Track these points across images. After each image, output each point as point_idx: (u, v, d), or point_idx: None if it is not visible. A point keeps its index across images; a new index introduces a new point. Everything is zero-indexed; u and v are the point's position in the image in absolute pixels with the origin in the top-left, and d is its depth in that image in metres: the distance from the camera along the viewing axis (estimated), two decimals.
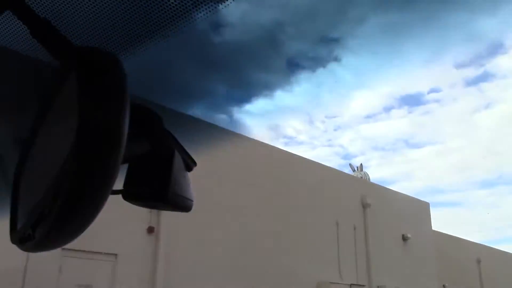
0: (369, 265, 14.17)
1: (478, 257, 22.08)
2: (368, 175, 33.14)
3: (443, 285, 18.34)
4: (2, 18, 0.92)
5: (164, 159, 1.12)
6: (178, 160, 1.16)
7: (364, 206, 14.89)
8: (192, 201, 1.19)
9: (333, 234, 13.37)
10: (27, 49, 1.01)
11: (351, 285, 13.46)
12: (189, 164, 1.22)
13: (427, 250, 16.84)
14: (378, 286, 14.33)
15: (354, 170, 32.78)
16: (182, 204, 1.15)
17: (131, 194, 1.10)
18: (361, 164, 33.20)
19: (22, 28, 0.88)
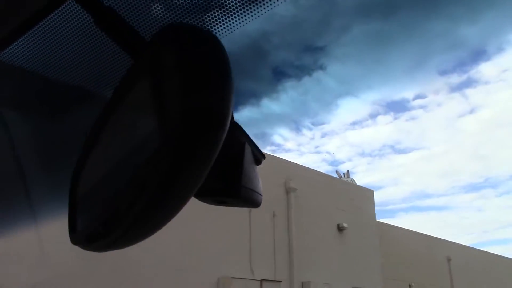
0: (291, 258, 12.18)
1: (448, 255, 22.09)
2: (354, 181, 33.67)
3: (409, 285, 18.45)
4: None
5: (235, 152, 1.07)
6: (248, 153, 1.12)
7: (288, 190, 12.73)
8: (261, 195, 1.14)
9: (244, 222, 11.31)
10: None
11: (262, 280, 11.29)
12: (258, 158, 1.18)
13: (369, 242, 15.10)
14: (302, 283, 12.44)
15: (340, 177, 33.39)
16: (252, 199, 1.11)
17: (201, 191, 0.97)
18: (348, 170, 33.56)
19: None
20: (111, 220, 0.59)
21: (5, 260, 6.55)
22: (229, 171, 1.05)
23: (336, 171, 35.56)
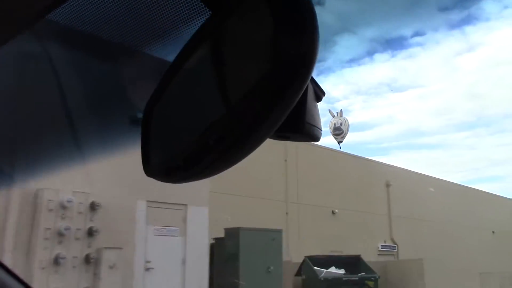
0: None
1: (387, 179, 22.45)
2: (347, 120, 33.56)
3: (332, 211, 19.43)
4: None
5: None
6: (310, 90, 1.13)
7: None
8: (321, 130, 1.17)
9: None
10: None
11: None
12: (319, 94, 1.20)
13: None
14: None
15: (333, 116, 33.20)
16: (313, 134, 1.14)
17: None
18: (341, 110, 33.51)
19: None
20: (195, 155, 0.61)
21: None
22: (294, 107, 1.10)
23: (329, 110, 35.45)
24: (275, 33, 0.57)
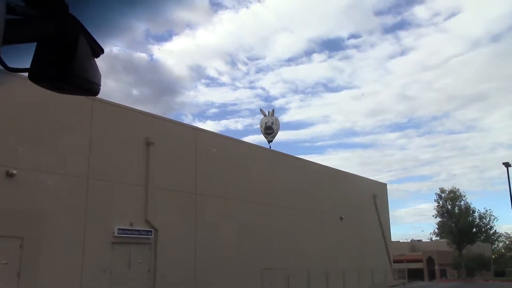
0: None
1: (147, 135, 17.02)
2: (278, 120, 34.40)
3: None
4: None
5: (69, 41, 1.16)
6: (83, 44, 1.19)
7: None
8: (99, 85, 1.24)
9: None
10: None
11: None
12: (96, 50, 1.26)
13: None
14: None
15: (265, 115, 33.86)
16: (88, 87, 1.20)
17: (36, 74, 1.15)
18: (273, 109, 34.52)
19: None
20: None
21: None
22: (62, 58, 1.13)
23: (261, 110, 36.41)
24: None
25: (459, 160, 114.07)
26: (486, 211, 58.13)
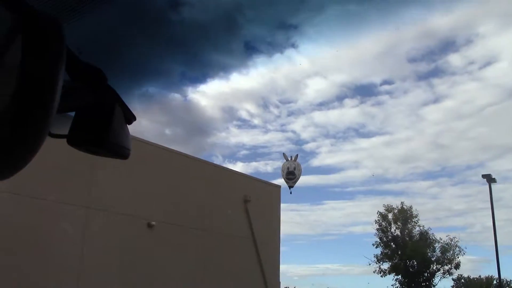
0: None
1: None
2: (300, 166, 34.28)
3: None
4: None
5: (106, 110, 1.26)
6: (118, 113, 1.29)
7: None
8: (129, 150, 1.34)
9: None
10: None
11: None
12: (129, 118, 1.36)
13: None
14: None
15: (287, 160, 33.76)
16: (119, 152, 1.30)
17: (74, 139, 1.26)
18: (297, 154, 34.74)
19: None
20: None
21: None
22: (99, 125, 1.24)
23: (283, 154, 36.32)
24: (22, 57, 0.71)
25: (494, 212, 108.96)
26: (451, 240, 39.26)
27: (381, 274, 39.54)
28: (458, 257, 38.66)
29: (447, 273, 39.37)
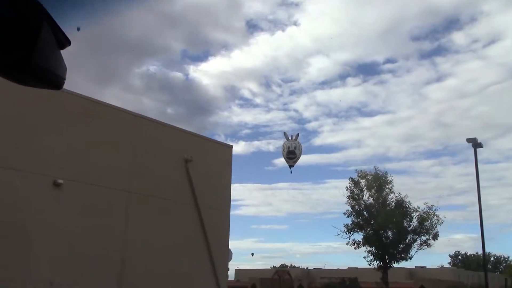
0: None
1: None
2: (301, 145, 33.76)
3: None
4: None
5: (29, 28, 1.09)
6: (47, 33, 1.12)
7: None
8: (63, 79, 1.18)
9: None
10: None
11: None
12: (62, 42, 1.20)
13: None
14: None
15: (288, 139, 33.21)
16: (51, 80, 1.14)
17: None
18: (298, 133, 34.17)
19: None
20: None
21: None
22: (21, 45, 1.07)
23: (284, 133, 35.95)
24: None
25: (496, 190, 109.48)
26: (429, 208, 34.10)
27: (354, 246, 35.35)
28: (436, 227, 34.32)
29: (424, 244, 34.87)
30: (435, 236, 34.37)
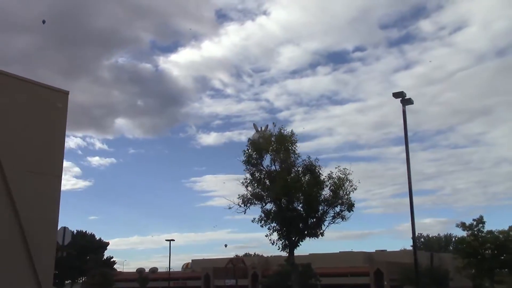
0: None
1: None
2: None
3: None
4: None
5: None
6: None
7: None
8: None
9: None
10: None
11: None
12: None
13: None
14: None
15: (257, 131, 30.98)
16: None
17: None
18: (267, 125, 31.38)
19: None
20: None
21: None
22: None
23: (254, 124, 33.43)
24: None
25: (464, 174, 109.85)
26: (343, 173, 28.62)
27: (261, 223, 28.93)
28: (350, 194, 28.69)
29: (338, 216, 29.15)
30: (350, 207, 28.89)
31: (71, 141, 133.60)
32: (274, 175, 28.55)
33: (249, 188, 29.01)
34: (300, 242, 29.07)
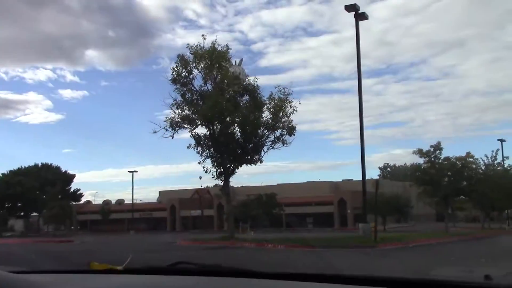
0: None
1: None
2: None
3: None
4: None
5: None
6: None
7: None
8: None
9: None
10: None
11: None
12: None
13: None
14: None
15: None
16: None
17: None
18: (241, 59, 28.57)
19: None
20: None
21: None
22: None
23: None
24: None
25: (434, 106, 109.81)
26: (283, 93, 26.96)
27: (197, 149, 26.70)
28: (290, 116, 26.83)
29: (278, 141, 27.54)
30: (291, 130, 27.17)
31: (41, 73, 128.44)
32: (206, 95, 26.01)
33: (179, 111, 26.73)
34: (237, 170, 27.31)
